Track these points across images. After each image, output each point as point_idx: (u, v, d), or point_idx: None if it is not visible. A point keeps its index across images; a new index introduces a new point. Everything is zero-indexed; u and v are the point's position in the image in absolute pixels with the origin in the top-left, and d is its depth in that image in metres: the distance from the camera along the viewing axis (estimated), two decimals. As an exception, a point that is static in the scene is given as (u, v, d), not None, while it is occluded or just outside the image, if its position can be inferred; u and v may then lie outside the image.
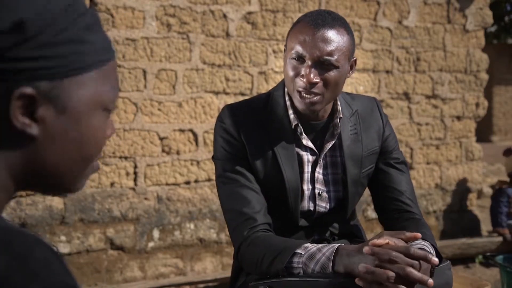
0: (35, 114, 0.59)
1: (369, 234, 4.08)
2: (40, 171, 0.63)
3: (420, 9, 4.26)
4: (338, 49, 1.36)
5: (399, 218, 1.51)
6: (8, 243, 0.53)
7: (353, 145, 1.50)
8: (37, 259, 0.53)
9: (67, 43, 0.61)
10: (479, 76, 4.54)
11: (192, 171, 3.53)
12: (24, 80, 0.58)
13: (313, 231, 1.52)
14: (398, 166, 1.57)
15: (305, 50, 1.35)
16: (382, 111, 1.59)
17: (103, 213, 3.32)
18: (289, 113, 1.46)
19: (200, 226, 3.58)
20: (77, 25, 0.62)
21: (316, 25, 1.35)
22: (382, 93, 4.15)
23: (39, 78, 0.59)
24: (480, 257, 4.24)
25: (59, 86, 0.60)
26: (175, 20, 3.44)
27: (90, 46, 0.64)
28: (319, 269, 1.23)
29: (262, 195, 1.44)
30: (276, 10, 3.73)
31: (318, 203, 1.50)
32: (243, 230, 1.39)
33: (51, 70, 0.60)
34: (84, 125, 0.64)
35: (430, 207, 4.41)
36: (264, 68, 3.71)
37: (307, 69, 1.35)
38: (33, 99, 0.59)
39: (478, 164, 4.61)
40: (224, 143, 1.45)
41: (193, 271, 3.57)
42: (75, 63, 0.62)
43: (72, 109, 0.62)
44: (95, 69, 0.64)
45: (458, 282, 1.69)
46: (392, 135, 1.60)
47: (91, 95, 0.64)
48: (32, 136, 0.60)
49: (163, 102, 3.43)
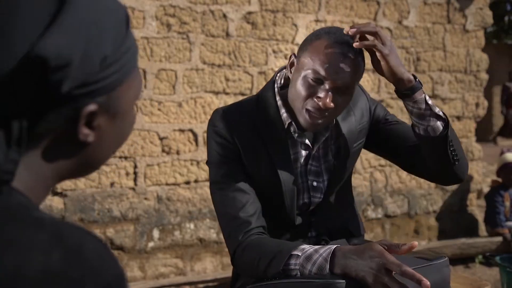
0: (92, 123, 0.62)
1: (369, 234, 4.08)
2: (85, 167, 0.67)
3: (420, 9, 4.26)
4: (357, 79, 1.36)
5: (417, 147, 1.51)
6: (59, 236, 0.54)
7: (346, 118, 1.52)
8: (90, 250, 0.54)
9: (123, 54, 0.64)
10: (479, 76, 4.54)
11: (192, 171, 3.53)
12: (89, 98, 0.61)
13: (310, 228, 1.53)
14: (397, 121, 1.61)
15: (328, 75, 1.32)
16: (365, 91, 1.62)
17: (103, 213, 3.32)
18: (281, 113, 1.45)
19: (200, 226, 3.58)
20: (128, 34, 0.65)
21: (342, 51, 1.32)
22: (382, 93, 4.15)
23: (102, 94, 0.62)
24: (480, 257, 4.24)
25: (114, 95, 0.64)
26: (175, 20, 3.44)
27: (133, 48, 0.67)
28: (316, 270, 1.23)
29: (257, 196, 1.44)
30: (276, 10, 3.73)
31: (312, 194, 1.51)
32: (237, 235, 1.38)
33: (112, 84, 0.63)
34: (127, 120, 0.68)
35: (430, 207, 4.42)
36: (264, 68, 3.71)
37: (324, 93, 1.33)
38: (95, 113, 0.62)
39: (478, 164, 4.61)
40: (218, 147, 1.44)
41: (193, 271, 3.57)
42: (127, 71, 0.65)
43: (121, 111, 0.66)
44: (135, 68, 0.67)
45: (458, 282, 1.69)
46: (379, 105, 1.63)
47: (134, 93, 0.68)
48: (88, 143, 0.63)
49: (163, 102, 3.43)
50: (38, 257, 0.51)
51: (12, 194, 0.57)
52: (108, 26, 0.62)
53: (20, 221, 0.54)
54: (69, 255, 0.53)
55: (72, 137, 0.61)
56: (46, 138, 0.60)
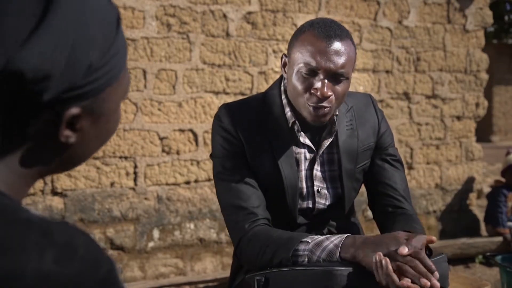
0: (75, 125, 0.61)
1: (369, 234, 4.08)
2: (67, 165, 0.66)
3: (420, 9, 4.26)
4: (348, 61, 1.35)
5: (392, 213, 1.54)
6: (50, 236, 0.53)
7: (349, 140, 1.51)
8: (82, 246, 0.54)
9: (111, 58, 0.62)
10: (479, 76, 4.54)
11: (192, 171, 3.53)
12: (73, 102, 0.59)
13: (312, 228, 1.53)
14: (394, 163, 1.58)
15: (319, 63, 1.32)
16: (377, 107, 1.60)
17: (103, 213, 3.32)
18: (285, 111, 1.46)
19: (200, 226, 3.58)
20: (117, 37, 0.63)
21: (327, 37, 1.33)
22: (382, 93, 4.15)
23: (86, 98, 0.60)
24: (480, 257, 4.24)
25: (99, 98, 0.62)
26: (175, 20, 3.44)
27: (123, 50, 0.64)
28: (325, 256, 1.25)
29: (261, 192, 1.44)
30: (276, 10, 3.73)
31: (317, 200, 1.51)
32: (243, 224, 1.39)
33: (97, 89, 0.61)
34: (112, 120, 0.66)
35: (430, 207, 4.41)
36: (264, 68, 3.71)
37: (321, 83, 1.33)
38: (78, 116, 0.60)
39: (478, 164, 4.61)
40: (223, 141, 1.45)
41: (193, 271, 3.57)
42: (115, 74, 0.63)
43: (106, 113, 0.64)
44: (123, 69, 0.65)
45: (458, 282, 1.69)
46: (388, 131, 1.60)
47: (121, 94, 0.66)
48: (69, 144, 0.62)
49: (163, 102, 3.43)
50: (32, 258, 0.50)
51: None
52: (96, 30, 0.59)
53: (8, 223, 0.53)
54: (62, 254, 0.52)
55: (54, 138, 0.60)
56: (27, 139, 0.59)
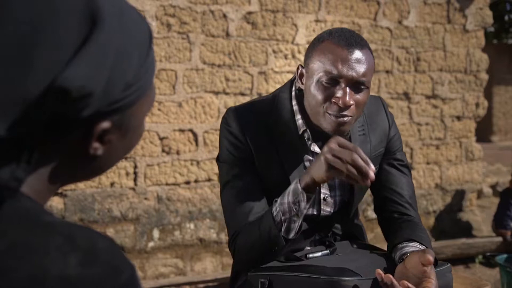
0: (104, 138, 0.62)
1: (369, 234, 4.08)
2: (90, 175, 0.67)
3: (420, 9, 4.26)
4: (369, 70, 1.33)
5: (397, 220, 1.51)
6: (73, 240, 0.53)
7: (362, 146, 1.46)
8: (104, 251, 0.54)
9: (143, 75, 0.63)
10: (479, 76, 4.54)
11: (192, 171, 3.53)
12: (105, 117, 0.60)
13: (315, 232, 1.52)
14: (401, 168, 1.55)
15: (340, 71, 1.29)
16: (388, 110, 1.57)
17: (103, 213, 3.32)
18: (296, 118, 1.43)
19: (200, 226, 3.58)
20: (149, 53, 0.64)
21: (349, 45, 1.30)
22: (382, 93, 4.15)
23: (117, 113, 0.61)
24: (480, 257, 4.24)
25: (128, 113, 0.63)
26: (175, 20, 3.44)
27: (152, 66, 0.65)
28: (292, 198, 1.27)
29: (266, 199, 1.42)
30: (276, 10, 3.73)
31: (323, 207, 1.49)
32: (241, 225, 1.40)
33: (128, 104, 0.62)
34: (137, 133, 0.67)
35: (430, 207, 4.42)
36: (264, 68, 3.71)
37: (342, 92, 1.30)
38: (108, 130, 0.61)
39: (478, 164, 4.61)
40: (230, 146, 1.43)
41: (193, 271, 3.57)
42: (144, 90, 0.64)
43: (133, 126, 0.65)
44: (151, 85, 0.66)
45: (458, 282, 1.69)
46: (397, 135, 1.58)
47: (147, 108, 0.67)
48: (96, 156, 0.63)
49: (163, 102, 3.43)
50: (55, 262, 0.51)
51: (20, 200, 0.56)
52: (134, 50, 0.61)
53: (31, 227, 0.54)
54: (85, 259, 0.52)
55: (82, 149, 0.61)
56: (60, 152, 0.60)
